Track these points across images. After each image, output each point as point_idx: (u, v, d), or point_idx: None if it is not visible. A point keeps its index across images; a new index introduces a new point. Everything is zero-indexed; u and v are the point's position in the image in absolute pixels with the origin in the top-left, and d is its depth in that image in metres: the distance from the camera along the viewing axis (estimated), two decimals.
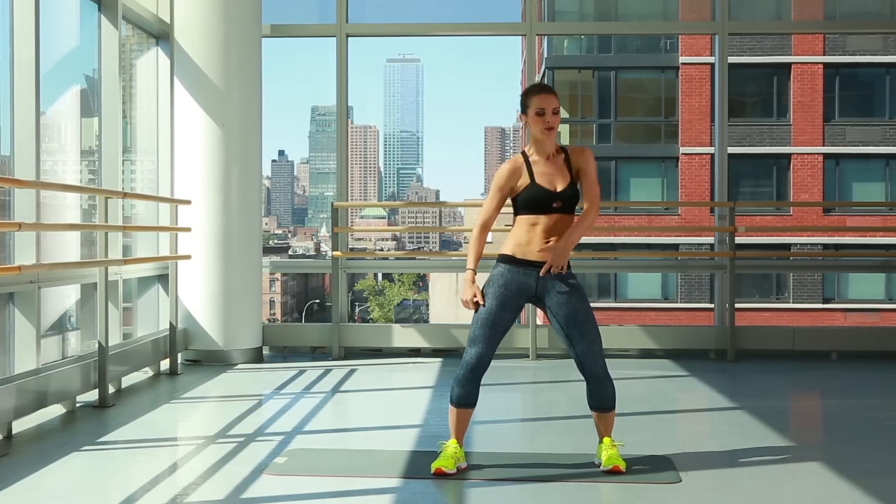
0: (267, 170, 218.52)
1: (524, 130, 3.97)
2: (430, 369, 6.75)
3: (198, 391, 5.93)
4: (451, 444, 3.91)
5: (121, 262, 5.63)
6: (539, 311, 5.27)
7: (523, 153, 3.95)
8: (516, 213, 3.93)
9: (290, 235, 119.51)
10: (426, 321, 44.15)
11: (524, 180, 3.88)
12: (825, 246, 25.38)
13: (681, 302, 25.73)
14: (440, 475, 3.79)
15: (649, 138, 27.52)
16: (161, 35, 7.30)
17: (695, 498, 3.57)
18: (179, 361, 6.83)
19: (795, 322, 23.30)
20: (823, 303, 25.82)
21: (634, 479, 3.78)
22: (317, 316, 62.01)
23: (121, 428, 4.81)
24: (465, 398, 3.91)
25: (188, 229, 6.71)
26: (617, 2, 25.25)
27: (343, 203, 7.52)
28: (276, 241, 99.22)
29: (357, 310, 66.09)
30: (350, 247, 7.84)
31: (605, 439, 3.98)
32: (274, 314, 72.10)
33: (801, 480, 3.81)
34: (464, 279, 3.89)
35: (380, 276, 64.02)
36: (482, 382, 3.92)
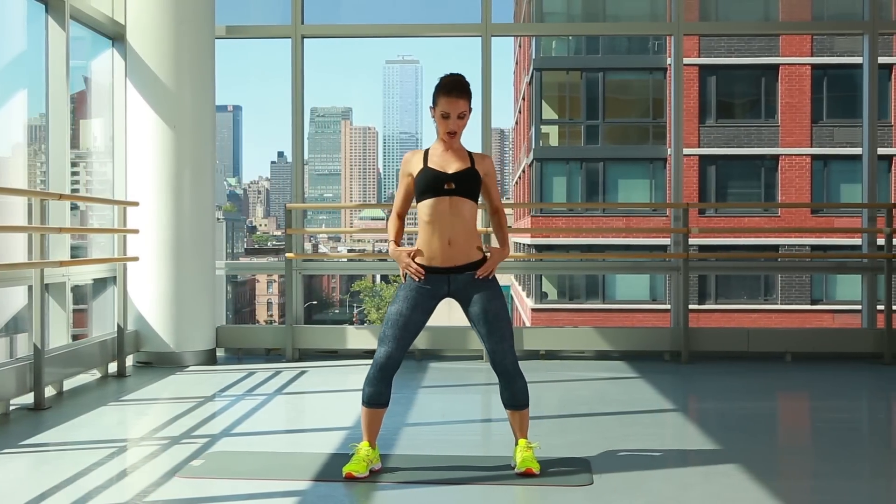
0: (266, 171, 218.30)
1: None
2: None
3: (140, 393, 5.91)
4: (363, 447, 3.90)
5: (55, 265, 5.60)
6: None
7: (427, 149, 3.98)
8: (418, 201, 3.92)
9: None
10: None
11: (419, 165, 3.92)
12: (813, 247, 25.32)
13: (669, 303, 25.64)
14: (350, 479, 3.77)
15: (637, 139, 27.50)
16: (116, 36, 7.28)
17: (600, 500, 3.55)
18: (131, 364, 6.83)
19: (784, 323, 23.22)
20: (812, 304, 25.77)
21: (546, 482, 3.76)
22: (315, 316, 62.05)
23: (49, 430, 4.79)
24: (376, 397, 3.90)
25: (136, 231, 6.70)
26: (605, 2, 25.25)
27: (297, 205, 7.51)
28: (274, 243, 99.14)
29: (356, 311, 66.04)
30: (349, 248, 7.84)
31: (521, 441, 3.97)
32: (272, 315, 72.03)
33: (712, 482, 3.79)
34: (391, 253, 3.95)
35: (377, 277, 64.01)
36: (430, 384, 3.91)
